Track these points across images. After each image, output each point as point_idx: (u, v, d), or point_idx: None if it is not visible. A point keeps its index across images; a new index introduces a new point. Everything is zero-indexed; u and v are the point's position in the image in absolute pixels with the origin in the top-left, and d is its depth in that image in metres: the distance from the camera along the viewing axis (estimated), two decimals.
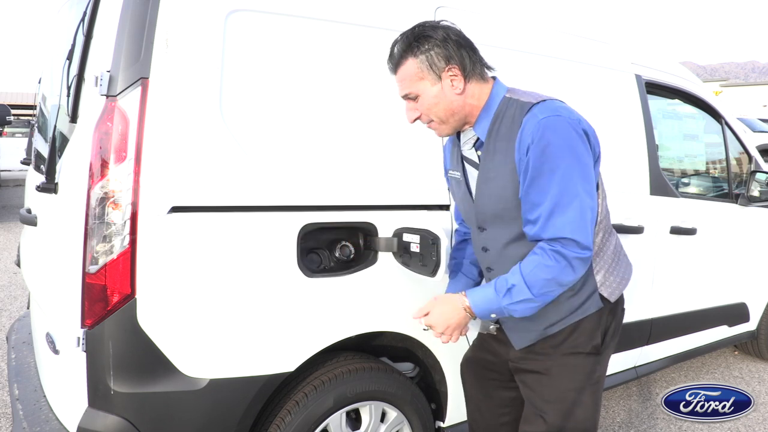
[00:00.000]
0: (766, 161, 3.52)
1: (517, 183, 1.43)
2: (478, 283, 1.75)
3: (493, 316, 1.48)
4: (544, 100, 1.42)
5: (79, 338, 1.50)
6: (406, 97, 1.49)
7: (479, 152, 1.53)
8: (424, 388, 2.08)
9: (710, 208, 3.00)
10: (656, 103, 2.90)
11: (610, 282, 1.55)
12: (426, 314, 1.57)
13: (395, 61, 1.47)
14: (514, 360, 1.63)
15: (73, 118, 1.62)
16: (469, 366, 1.83)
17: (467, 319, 1.52)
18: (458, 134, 1.59)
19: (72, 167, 1.61)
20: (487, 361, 1.76)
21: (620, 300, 1.62)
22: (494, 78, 1.53)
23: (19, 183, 11.65)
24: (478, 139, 1.52)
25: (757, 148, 3.98)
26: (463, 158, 1.61)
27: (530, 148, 1.36)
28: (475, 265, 1.76)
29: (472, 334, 1.83)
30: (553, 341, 1.54)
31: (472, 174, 1.58)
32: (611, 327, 1.57)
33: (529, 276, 1.39)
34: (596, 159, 1.46)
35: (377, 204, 1.81)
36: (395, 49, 1.47)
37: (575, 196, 1.35)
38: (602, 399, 3.16)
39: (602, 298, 1.53)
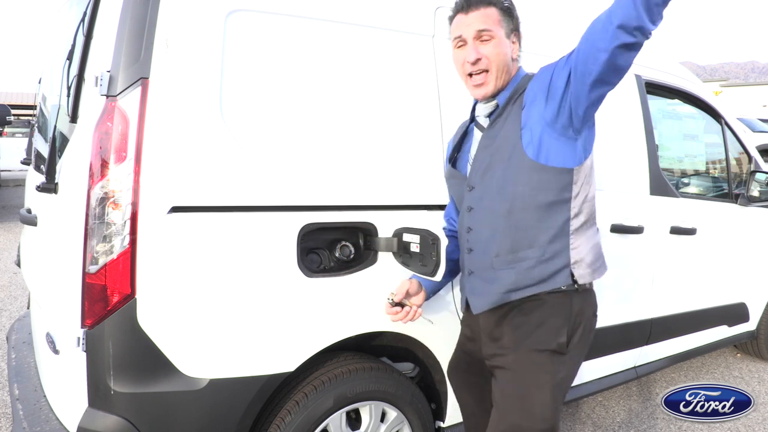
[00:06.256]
0: (766, 161, 3.52)
1: (518, 142, 1.50)
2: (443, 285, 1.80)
3: None
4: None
5: (79, 338, 1.50)
6: (478, 33, 1.52)
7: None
8: (424, 388, 2.08)
9: (710, 208, 3.00)
10: (656, 103, 2.90)
11: (584, 267, 1.54)
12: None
13: (475, 3, 1.53)
14: (486, 357, 1.63)
15: (73, 118, 1.62)
16: (454, 371, 1.85)
17: None
18: (473, 109, 1.68)
19: (72, 167, 1.61)
20: (467, 362, 1.78)
21: (591, 302, 1.61)
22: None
23: (19, 183, 11.65)
24: (495, 108, 1.59)
25: (757, 148, 3.98)
26: (472, 124, 1.69)
27: (551, 75, 1.49)
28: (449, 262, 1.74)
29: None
30: (519, 333, 1.53)
31: (476, 140, 1.64)
32: (579, 330, 1.55)
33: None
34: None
35: (377, 204, 1.81)
36: None
37: None
38: (602, 399, 3.18)
39: (573, 280, 1.52)
